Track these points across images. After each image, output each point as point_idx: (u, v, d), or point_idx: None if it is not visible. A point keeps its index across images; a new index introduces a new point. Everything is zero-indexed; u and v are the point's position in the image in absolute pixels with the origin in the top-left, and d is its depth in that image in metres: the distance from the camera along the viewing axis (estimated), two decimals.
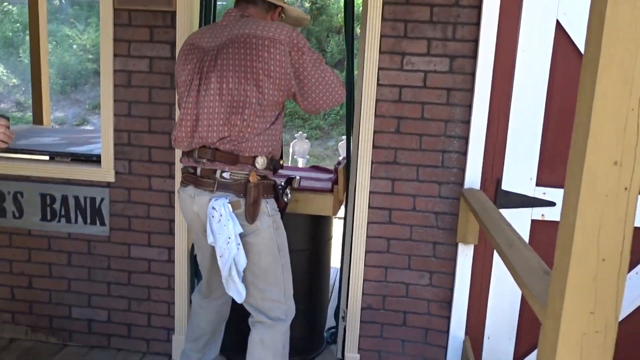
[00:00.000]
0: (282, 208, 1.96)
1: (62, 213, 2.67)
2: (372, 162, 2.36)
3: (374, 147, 2.35)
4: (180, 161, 1.98)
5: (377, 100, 2.32)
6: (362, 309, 2.49)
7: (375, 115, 2.33)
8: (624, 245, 0.85)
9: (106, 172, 2.59)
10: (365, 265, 2.45)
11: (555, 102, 2.23)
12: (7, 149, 2.68)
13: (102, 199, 2.62)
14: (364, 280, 2.46)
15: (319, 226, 2.65)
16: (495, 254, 2.38)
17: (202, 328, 2.22)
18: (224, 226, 1.80)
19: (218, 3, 2.55)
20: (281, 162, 1.97)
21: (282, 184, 2.00)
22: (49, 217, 2.69)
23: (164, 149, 2.53)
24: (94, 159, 2.70)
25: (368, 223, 2.40)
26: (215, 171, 1.85)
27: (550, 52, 2.19)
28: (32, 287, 2.76)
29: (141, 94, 2.50)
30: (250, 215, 1.84)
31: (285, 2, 2.00)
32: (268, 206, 1.89)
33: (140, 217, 2.61)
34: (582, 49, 2.17)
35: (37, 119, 4.46)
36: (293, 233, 2.55)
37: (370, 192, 2.38)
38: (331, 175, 2.74)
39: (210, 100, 1.83)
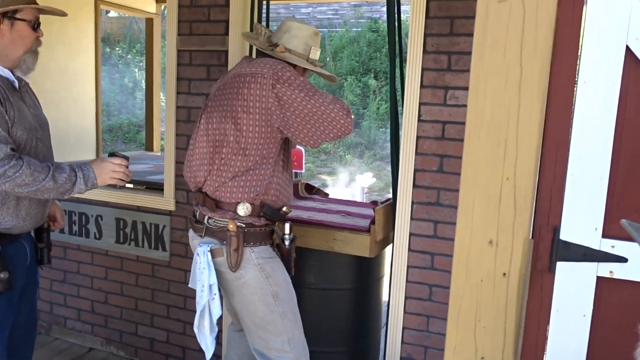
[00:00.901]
0: (285, 256, 1.85)
1: (132, 237, 2.85)
2: (413, 202, 2.17)
3: (414, 186, 2.15)
4: None
5: (418, 137, 2.12)
6: (401, 358, 2.28)
7: (417, 153, 2.14)
8: (505, 342, 0.63)
9: (167, 201, 2.70)
10: (404, 312, 2.23)
11: (627, 139, 1.85)
12: None
13: (164, 226, 2.74)
14: (404, 327, 2.25)
15: (366, 264, 2.50)
16: (553, 312, 2.04)
17: None
18: (201, 274, 1.72)
19: None
20: (283, 210, 1.82)
21: (287, 231, 1.85)
22: (122, 240, 2.89)
23: None
24: (161, 189, 2.86)
25: (408, 267, 2.20)
26: (204, 216, 1.79)
27: (619, 83, 1.84)
28: (107, 302, 2.97)
29: None
30: (232, 263, 1.72)
31: (308, 61, 1.84)
32: (254, 255, 1.75)
33: None
34: None
35: (149, 146, 4.89)
36: (335, 272, 2.43)
37: (410, 234, 2.18)
38: None
39: (200, 141, 1.78)
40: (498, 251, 0.67)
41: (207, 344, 1.78)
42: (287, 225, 1.86)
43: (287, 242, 1.83)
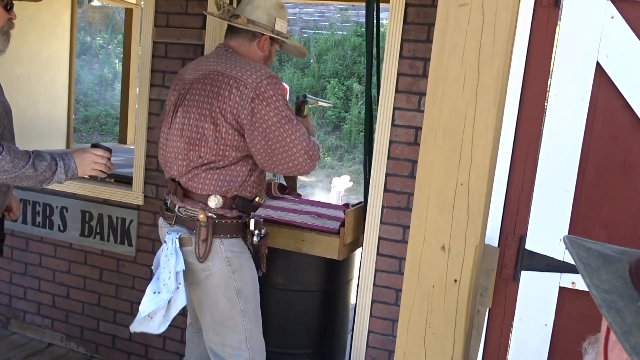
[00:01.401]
0: (253, 250, 1.85)
1: (98, 230, 2.78)
2: (383, 207, 2.17)
3: (385, 190, 2.15)
4: None
5: (391, 142, 2.13)
6: None
7: (389, 157, 2.13)
8: (454, 349, 0.63)
9: (136, 195, 2.64)
10: (370, 316, 2.23)
11: (594, 153, 1.88)
12: None
13: (131, 221, 2.69)
14: (369, 331, 2.24)
15: (335, 267, 2.49)
16: (515, 320, 2.06)
17: None
18: (168, 260, 1.69)
19: None
20: (257, 201, 1.81)
21: (252, 227, 1.82)
22: (87, 233, 2.82)
23: None
24: (130, 182, 2.80)
25: (376, 270, 2.19)
26: (175, 205, 1.77)
27: (589, 98, 1.87)
28: (69, 297, 2.89)
29: None
30: (199, 253, 1.70)
31: (272, 32, 1.81)
32: (223, 247, 1.73)
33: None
34: (627, 96, 1.84)
35: (122, 138, 4.81)
36: (303, 273, 2.42)
37: (379, 238, 2.18)
38: None
39: (175, 135, 1.75)
40: (450, 257, 0.67)
41: (147, 329, 1.74)
42: (251, 222, 1.82)
43: (255, 239, 1.81)
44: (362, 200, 2.40)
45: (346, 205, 2.66)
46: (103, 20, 13.03)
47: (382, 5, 2.25)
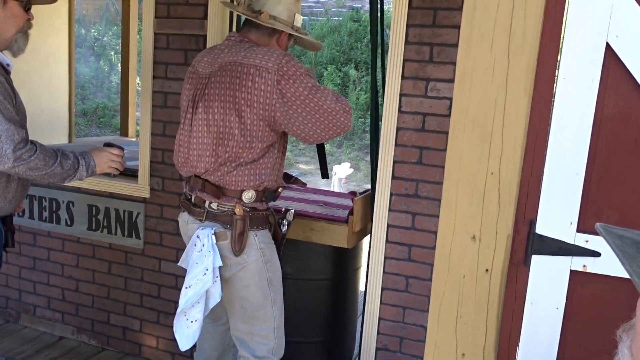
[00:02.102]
0: (279, 240, 1.85)
1: (105, 224, 2.77)
2: (392, 194, 2.16)
3: (393, 177, 2.14)
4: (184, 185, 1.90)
5: (398, 128, 2.11)
6: (377, 349, 2.27)
7: (396, 144, 2.12)
8: (486, 338, 0.62)
9: (142, 188, 2.63)
10: (381, 303, 2.22)
11: (604, 136, 1.87)
12: None
13: (138, 214, 2.68)
14: (380, 318, 2.24)
15: (343, 255, 2.49)
16: (527, 305, 2.06)
17: (207, 352, 2.15)
18: (204, 256, 1.67)
19: None
20: (279, 191, 1.82)
21: (284, 215, 1.88)
22: (94, 227, 2.81)
23: None
24: (135, 175, 2.78)
25: (385, 258, 2.19)
26: (205, 201, 1.75)
27: (599, 79, 1.85)
28: (78, 290, 2.89)
29: (175, 115, 2.51)
30: (237, 247, 1.71)
31: (292, 29, 1.81)
32: (257, 239, 1.75)
33: (170, 233, 2.62)
34: (637, 77, 1.82)
35: (124, 131, 4.78)
36: (313, 262, 2.42)
37: (388, 225, 2.18)
38: None
39: (199, 131, 1.73)
40: (481, 247, 0.66)
41: (189, 336, 1.72)
42: (291, 212, 1.89)
43: (285, 228, 1.84)
44: (369, 188, 2.39)
45: (353, 194, 2.65)
46: (97, 12, 12.89)
47: None
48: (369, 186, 2.57)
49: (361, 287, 2.62)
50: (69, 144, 3.50)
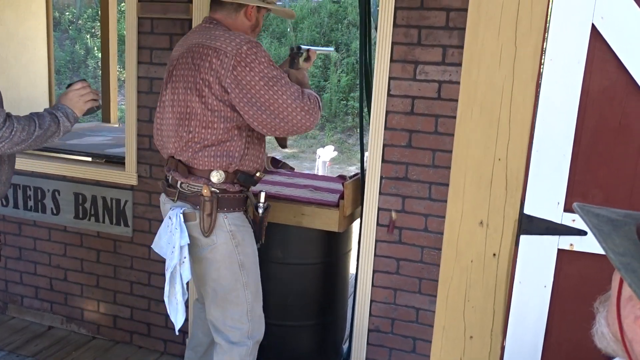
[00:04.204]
0: (256, 222, 1.85)
1: (92, 212, 2.73)
2: (382, 177, 2.17)
3: (383, 161, 2.14)
4: None
5: (387, 112, 2.11)
6: (369, 330, 2.30)
7: (385, 128, 2.12)
8: (494, 321, 0.64)
9: (129, 175, 2.59)
10: (372, 285, 2.25)
11: (590, 117, 1.90)
12: (50, 148, 2.81)
13: (126, 201, 2.64)
14: (372, 300, 2.27)
15: (334, 239, 2.50)
16: (516, 284, 2.11)
17: (199, 337, 2.15)
18: (172, 235, 1.69)
19: None
20: (257, 175, 1.81)
21: (262, 200, 1.85)
22: (81, 216, 2.77)
23: None
24: (122, 162, 2.74)
25: (376, 241, 2.21)
26: (177, 181, 1.76)
27: (584, 61, 1.87)
28: (67, 280, 2.86)
29: None
30: (204, 228, 1.71)
31: (259, 1, 1.77)
32: (227, 220, 1.74)
33: (159, 220, 2.58)
34: (622, 58, 1.84)
35: (105, 117, 4.69)
36: (304, 246, 2.42)
37: (378, 209, 2.19)
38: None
39: (166, 112, 1.75)
40: (488, 232, 0.67)
41: (178, 313, 1.74)
42: (262, 195, 1.85)
43: (260, 210, 1.82)
44: (357, 172, 2.40)
45: (341, 177, 2.66)
46: None
47: None
48: (352, 169, 2.58)
49: (351, 270, 2.64)
50: None
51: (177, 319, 1.76)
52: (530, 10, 0.92)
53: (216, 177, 1.72)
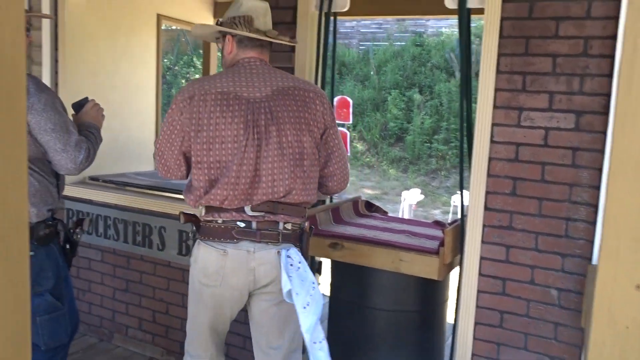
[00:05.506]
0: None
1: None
2: (484, 226, 2.12)
3: (486, 209, 2.10)
4: (211, 216, 1.77)
5: (490, 159, 2.08)
6: None
7: (488, 175, 2.09)
8: None
9: None
10: (474, 338, 2.17)
11: None
12: (156, 187, 3.04)
13: None
14: (473, 354, 2.18)
15: (431, 287, 2.45)
16: None
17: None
18: (305, 272, 1.71)
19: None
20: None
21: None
22: (184, 252, 2.93)
23: None
24: None
25: (478, 292, 2.14)
26: (277, 223, 1.75)
27: None
28: (168, 313, 3.02)
29: None
30: (310, 263, 1.79)
31: (281, 38, 1.87)
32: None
33: None
34: None
35: None
36: (402, 293, 2.40)
37: (481, 258, 2.13)
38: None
39: (273, 155, 1.71)
40: None
41: (323, 356, 1.69)
42: (306, 224, 1.89)
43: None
44: (446, 217, 2.35)
45: (438, 223, 2.62)
46: (169, 42, 13.60)
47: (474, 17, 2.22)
48: (436, 212, 2.54)
49: (449, 320, 2.57)
50: (155, 171, 3.69)
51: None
52: None
53: (307, 212, 1.84)
